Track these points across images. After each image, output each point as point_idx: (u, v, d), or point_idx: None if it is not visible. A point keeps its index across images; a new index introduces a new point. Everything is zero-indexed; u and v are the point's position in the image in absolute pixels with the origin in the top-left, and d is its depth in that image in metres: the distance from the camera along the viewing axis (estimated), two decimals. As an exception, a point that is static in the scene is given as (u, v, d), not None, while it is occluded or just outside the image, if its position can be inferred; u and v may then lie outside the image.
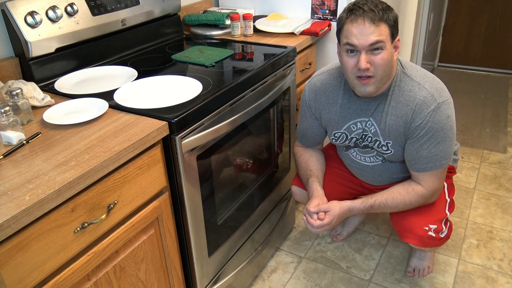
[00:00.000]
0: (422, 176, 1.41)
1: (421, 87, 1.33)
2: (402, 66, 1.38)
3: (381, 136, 1.42)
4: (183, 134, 1.18)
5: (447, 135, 1.35)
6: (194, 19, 1.97)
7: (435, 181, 1.42)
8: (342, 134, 1.50)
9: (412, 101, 1.33)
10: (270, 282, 1.84)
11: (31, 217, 0.85)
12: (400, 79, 1.36)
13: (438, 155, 1.37)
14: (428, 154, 1.36)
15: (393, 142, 1.42)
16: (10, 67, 1.38)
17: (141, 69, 1.49)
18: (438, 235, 1.51)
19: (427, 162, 1.38)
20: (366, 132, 1.45)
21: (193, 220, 1.31)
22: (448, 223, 1.57)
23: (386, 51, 1.25)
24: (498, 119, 3.09)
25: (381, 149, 1.45)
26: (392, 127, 1.38)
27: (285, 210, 1.95)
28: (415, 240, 1.51)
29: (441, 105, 1.32)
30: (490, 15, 3.78)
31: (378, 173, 1.56)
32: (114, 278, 1.12)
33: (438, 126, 1.33)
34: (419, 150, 1.37)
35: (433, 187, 1.42)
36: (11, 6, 1.31)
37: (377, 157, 1.51)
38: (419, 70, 1.39)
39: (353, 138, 1.49)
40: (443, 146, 1.36)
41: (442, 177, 1.44)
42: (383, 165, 1.53)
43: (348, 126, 1.47)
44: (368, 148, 1.49)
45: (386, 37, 1.24)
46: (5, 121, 1.05)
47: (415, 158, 1.39)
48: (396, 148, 1.42)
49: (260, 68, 1.50)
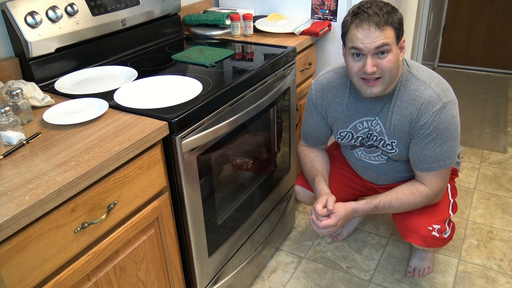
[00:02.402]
0: (426, 176, 1.41)
1: (427, 87, 1.33)
2: (408, 66, 1.38)
3: (386, 135, 1.43)
4: (183, 134, 1.18)
5: (451, 135, 1.35)
6: (194, 19, 1.97)
7: (439, 181, 1.42)
8: (348, 133, 1.50)
9: (417, 100, 1.33)
10: (270, 282, 1.84)
11: (31, 217, 0.85)
12: (406, 78, 1.36)
13: (442, 155, 1.36)
14: (432, 154, 1.36)
15: (398, 141, 1.42)
16: (10, 67, 1.38)
17: (141, 69, 1.49)
18: (441, 236, 1.51)
19: (432, 162, 1.38)
20: (372, 131, 1.45)
21: (193, 220, 1.31)
22: (451, 224, 1.57)
23: (392, 53, 1.26)
24: (498, 119, 3.09)
25: (386, 148, 1.45)
26: (397, 126, 1.39)
27: (285, 210, 1.95)
28: (419, 240, 1.51)
29: (446, 104, 1.32)
30: (490, 15, 3.78)
31: (383, 172, 1.56)
32: (114, 278, 1.12)
33: (443, 126, 1.33)
34: (424, 149, 1.37)
35: (437, 187, 1.42)
36: (11, 6, 1.31)
37: (382, 156, 1.51)
38: (425, 70, 1.39)
39: (359, 137, 1.49)
40: (447, 146, 1.36)
41: (446, 177, 1.44)
42: (388, 164, 1.53)
43: (354, 125, 1.47)
44: (374, 147, 1.50)
45: (392, 40, 1.25)
46: (5, 121, 1.05)
47: (419, 158, 1.39)
48: (400, 147, 1.42)
49: (260, 68, 1.50)
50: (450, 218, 1.56)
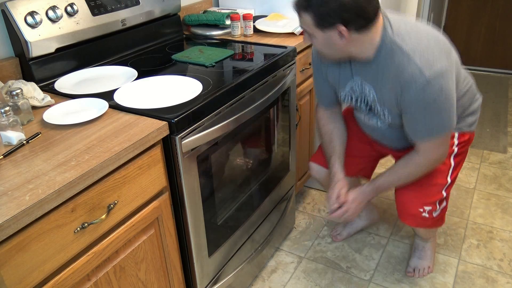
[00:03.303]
0: (420, 145, 1.39)
1: (410, 61, 1.26)
2: (393, 33, 1.29)
3: (377, 104, 1.41)
4: (183, 134, 1.18)
5: (441, 106, 1.29)
6: (194, 19, 1.97)
7: (433, 150, 1.39)
8: (346, 94, 1.50)
9: (400, 77, 1.28)
10: (270, 282, 1.84)
11: (31, 217, 0.85)
12: (391, 49, 1.29)
13: (433, 125, 1.33)
14: (422, 125, 1.34)
15: (388, 110, 1.40)
16: (10, 67, 1.38)
17: (141, 69, 1.49)
18: (431, 215, 1.54)
19: (423, 132, 1.35)
20: (367, 96, 1.43)
21: (193, 220, 1.31)
22: (442, 203, 1.56)
23: (316, 38, 1.28)
24: (498, 119, 3.09)
25: (381, 115, 1.44)
26: (386, 96, 1.36)
27: (285, 210, 1.95)
28: (410, 221, 1.57)
29: (430, 80, 1.24)
30: (490, 15, 3.78)
31: (388, 135, 1.56)
32: (114, 278, 1.12)
33: (430, 99, 1.27)
34: (412, 121, 1.35)
35: (432, 156, 1.40)
36: (11, 6, 1.31)
37: (383, 121, 1.49)
38: (412, 37, 1.28)
39: (357, 100, 1.48)
40: (438, 116, 1.32)
41: (441, 146, 1.40)
42: (390, 129, 1.51)
43: (351, 86, 1.46)
44: (372, 113, 1.49)
45: (310, 26, 1.25)
46: (5, 121, 1.05)
47: (410, 129, 1.38)
48: (393, 116, 1.40)
49: (260, 68, 1.50)
50: (443, 198, 1.56)
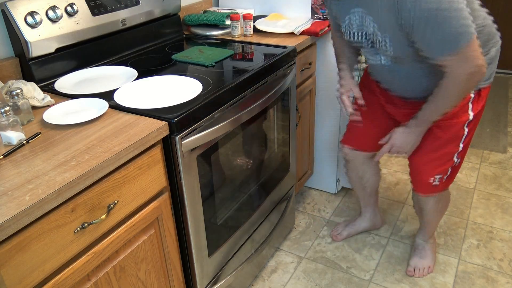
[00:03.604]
0: (443, 64, 1.30)
1: None
2: None
3: (378, 33, 1.35)
4: (183, 134, 1.18)
5: (446, 14, 1.19)
6: (194, 19, 1.97)
7: (461, 66, 1.28)
8: (346, 27, 1.47)
9: None
10: (270, 282, 1.84)
11: (31, 217, 0.85)
12: None
13: (446, 36, 1.23)
14: (435, 41, 1.25)
15: (390, 36, 1.33)
16: (10, 67, 1.38)
17: (141, 69, 1.49)
18: (441, 181, 1.61)
19: (438, 47, 1.26)
20: (366, 27, 1.38)
21: (193, 220, 1.31)
22: (449, 170, 1.60)
23: None
24: (498, 119, 3.09)
25: (383, 47, 1.38)
26: (385, 20, 1.30)
27: (285, 210, 1.95)
28: (423, 189, 1.64)
29: None
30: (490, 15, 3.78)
31: (397, 77, 1.52)
32: (114, 278, 1.12)
33: (430, 8, 1.19)
34: (424, 40, 1.26)
35: (462, 73, 1.30)
36: (11, 6, 1.31)
37: (386, 58, 1.46)
38: None
39: (357, 34, 1.44)
40: (448, 26, 1.21)
41: (468, 59, 1.28)
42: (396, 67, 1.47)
43: (349, 19, 1.43)
44: (374, 49, 1.44)
45: None
46: (5, 121, 1.05)
47: (425, 48, 1.29)
48: (395, 43, 1.34)
49: (260, 68, 1.50)
50: (455, 164, 1.59)
